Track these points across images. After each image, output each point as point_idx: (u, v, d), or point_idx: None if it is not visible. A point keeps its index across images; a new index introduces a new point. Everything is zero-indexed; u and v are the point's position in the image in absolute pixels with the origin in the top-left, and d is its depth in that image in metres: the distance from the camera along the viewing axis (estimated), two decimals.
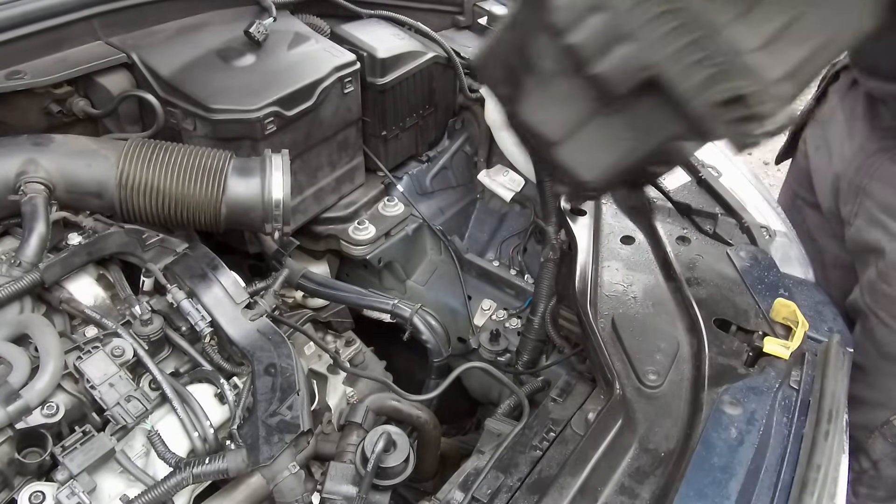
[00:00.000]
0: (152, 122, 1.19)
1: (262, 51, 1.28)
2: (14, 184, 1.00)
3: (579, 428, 0.92)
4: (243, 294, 0.99)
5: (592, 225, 1.21)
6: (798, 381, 0.93)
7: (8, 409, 0.76)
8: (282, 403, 0.88)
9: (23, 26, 1.12)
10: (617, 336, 1.01)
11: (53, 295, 0.95)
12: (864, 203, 1.15)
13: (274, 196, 1.07)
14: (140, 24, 1.27)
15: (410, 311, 1.19)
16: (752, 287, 1.08)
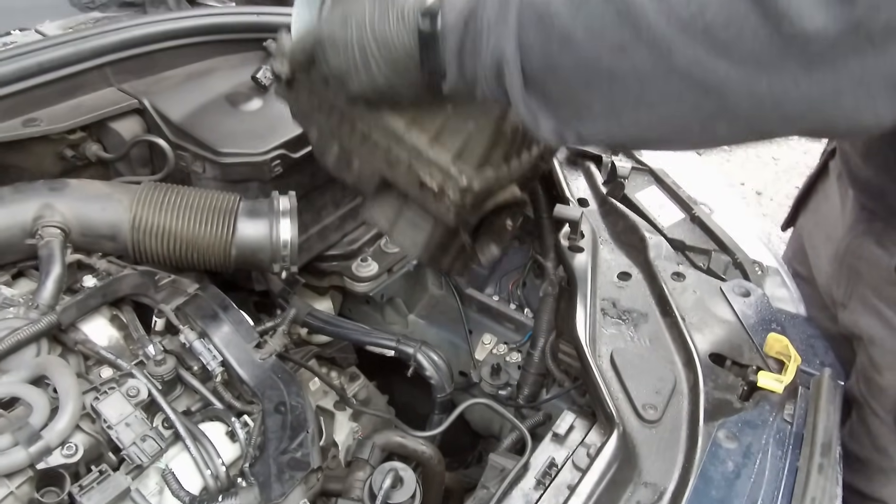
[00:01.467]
0: (163, 166, 1.23)
1: (269, 95, 1.33)
2: (31, 228, 1.03)
3: (581, 462, 0.95)
4: (253, 333, 1.02)
5: (590, 261, 1.25)
6: (792, 415, 0.97)
7: (30, 449, 0.78)
8: (292, 441, 0.91)
9: (39, 75, 1.16)
10: (615, 371, 1.04)
11: (69, 336, 0.98)
12: (857, 286, 1.14)
13: (282, 237, 1.11)
14: (151, 70, 1.32)
15: (414, 349, 1.22)
16: (745, 322, 1.11)
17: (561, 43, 0.61)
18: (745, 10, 0.53)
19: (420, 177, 0.88)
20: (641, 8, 0.57)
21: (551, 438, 1.01)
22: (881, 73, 0.53)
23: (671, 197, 1.37)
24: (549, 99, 0.66)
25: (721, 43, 0.54)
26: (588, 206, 1.39)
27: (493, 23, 0.65)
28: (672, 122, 0.62)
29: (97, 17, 1.47)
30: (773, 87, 0.55)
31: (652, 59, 0.57)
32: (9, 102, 1.13)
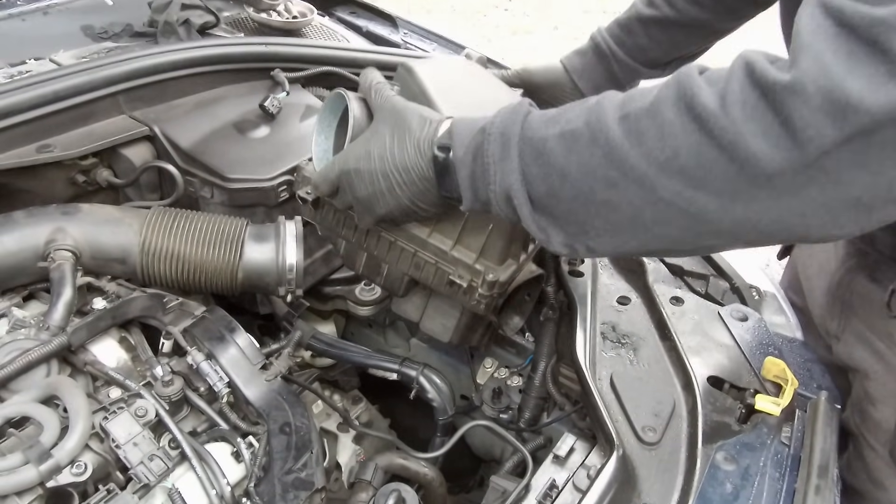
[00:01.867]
0: (171, 191, 1.26)
1: (276, 123, 1.36)
2: (43, 251, 1.05)
3: (581, 484, 0.96)
4: (259, 355, 1.04)
5: (590, 285, 1.27)
6: (789, 437, 0.98)
7: (40, 468, 0.79)
8: (296, 461, 0.92)
9: (53, 103, 1.19)
10: (615, 394, 1.06)
11: (78, 357, 1.00)
12: (851, 319, 1.15)
13: (288, 261, 1.13)
14: (161, 98, 1.35)
15: (417, 372, 1.23)
16: (743, 346, 1.13)
17: (559, 177, 0.69)
18: (713, 154, 0.60)
19: (448, 276, 0.97)
20: (624, 151, 0.64)
21: (552, 460, 1.02)
22: (839, 198, 0.59)
23: None
24: (556, 218, 0.73)
25: (696, 180, 0.61)
26: None
27: (497, 158, 0.73)
28: (666, 238, 0.68)
29: (110, 46, 1.51)
30: (748, 212, 0.62)
31: (640, 192, 0.65)
32: (24, 129, 1.16)
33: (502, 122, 0.74)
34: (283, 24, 1.73)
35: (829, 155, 0.56)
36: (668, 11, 1.24)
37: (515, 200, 0.73)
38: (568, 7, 6.46)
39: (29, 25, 1.59)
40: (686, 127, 0.61)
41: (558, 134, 0.70)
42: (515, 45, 5.76)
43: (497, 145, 0.74)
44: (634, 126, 0.65)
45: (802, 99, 0.55)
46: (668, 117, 0.62)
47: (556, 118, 0.72)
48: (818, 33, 0.57)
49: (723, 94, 0.60)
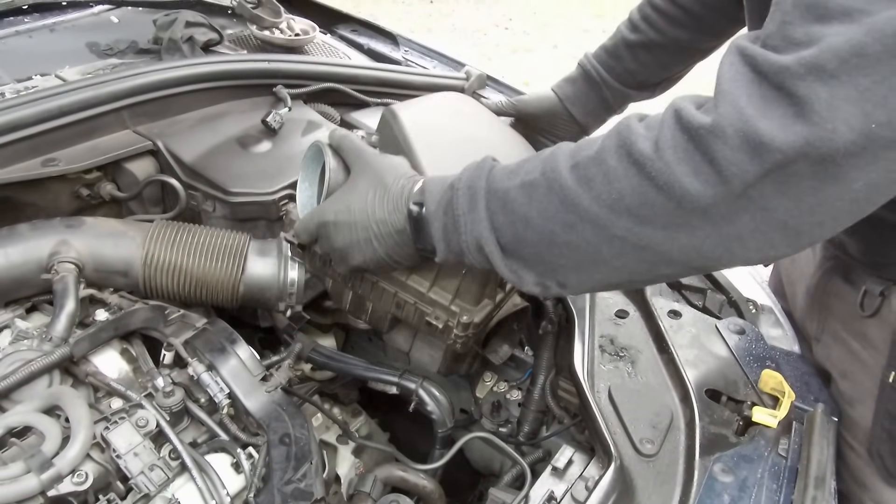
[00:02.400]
0: (174, 204, 1.27)
1: (278, 138, 1.38)
2: (47, 263, 1.07)
3: (579, 496, 0.96)
4: (260, 367, 1.04)
5: (588, 299, 1.28)
6: (786, 449, 0.98)
7: (41, 477, 0.80)
8: (296, 472, 0.93)
9: (59, 118, 1.21)
10: (613, 406, 1.07)
11: (80, 368, 1.00)
12: (828, 320, 1.18)
13: (289, 276, 1.14)
14: (165, 113, 1.37)
15: (416, 384, 1.24)
16: (740, 359, 1.14)
17: (523, 224, 0.76)
18: (653, 194, 0.67)
19: (426, 318, 1.02)
20: (576, 196, 0.72)
21: (550, 472, 1.02)
22: (769, 223, 0.65)
23: None
24: (525, 261, 0.79)
25: (642, 217, 0.69)
26: None
27: (466, 211, 0.80)
28: (626, 270, 0.75)
29: (115, 63, 1.53)
30: (692, 241, 0.68)
31: (595, 231, 0.72)
32: (30, 143, 1.18)
33: (469, 177, 0.81)
34: (285, 41, 1.75)
35: (754, 187, 0.63)
36: (653, 35, 1.28)
37: (486, 248, 0.80)
38: (567, 26, 6.52)
39: (35, 42, 1.61)
40: (628, 171, 0.68)
41: (519, 185, 0.77)
42: (515, 63, 5.81)
43: (465, 199, 0.80)
44: (584, 173, 0.72)
45: (723, 140, 0.63)
46: (612, 164, 0.70)
47: (516, 170, 0.79)
48: (736, 80, 0.64)
49: (656, 139, 0.67)
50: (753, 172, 0.62)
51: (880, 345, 1.06)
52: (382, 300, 1.07)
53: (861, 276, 1.10)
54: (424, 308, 1.03)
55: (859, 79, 0.59)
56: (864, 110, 0.59)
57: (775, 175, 0.62)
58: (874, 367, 1.07)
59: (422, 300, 1.02)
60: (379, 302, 1.08)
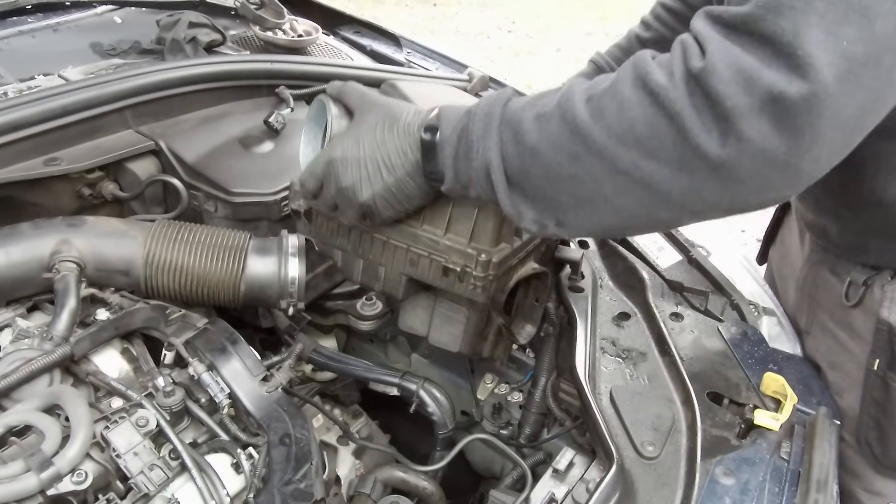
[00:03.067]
0: (176, 204, 1.27)
1: (280, 138, 1.38)
2: (48, 262, 1.06)
3: (580, 498, 0.96)
4: (260, 367, 1.04)
5: (590, 301, 1.27)
6: (788, 453, 0.98)
7: (41, 476, 0.80)
8: (296, 472, 0.92)
9: (61, 117, 1.22)
10: (615, 408, 1.06)
11: (81, 367, 1.00)
12: (817, 313, 1.20)
13: (290, 274, 1.14)
14: (167, 114, 1.37)
15: (417, 386, 1.24)
16: (742, 361, 1.13)
17: (531, 154, 0.77)
18: (663, 125, 0.68)
19: (442, 265, 0.99)
20: (587, 126, 0.73)
21: (551, 474, 1.02)
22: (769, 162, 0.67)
23: (669, 239, 1.40)
24: (527, 195, 0.80)
25: (649, 150, 0.70)
26: (588, 248, 1.42)
27: (480, 136, 0.80)
28: (625, 212, 0.76)
29: (118, 63, 1.53)
30: (693, 182, 0.70)
31: (600, 164, 0.73)
32: (32, 142, 1.18)
33: (487, 104, 0.82)
34: (288, 42, 1.75)
35: (750, 124, 0.64)
36: (665, 32, 1.30)
37: (493, 175, 0.80)
38: (570, 29, 6.52)
39: (39, 42, 1.62)
40: (642, 101, 0.70)
41: (534, 116, 0.77)
42: (518, 66, 5.81)
43: (481, 124, 0.80)
44: (597, 104, 0.73)
45: (717, 76, 0.65)
46: (627, 94, 0.71)
47: (533, 102, 0.79)
48: (712, 32, 0.68)
49: (670, 72, 0.69)
50: (749, 106, 0.64)
51: (865, 334, 1.07)
52: (395, 260, 1.03)
53: (846, 268, 1.11)
54: (439, 257, 0.99)
55: (815, 3, 0.62)
56: (829, 31, 0.61)
57: (770, 110, 0.64)
58: (860, 357, 1.09)
59: (436, 250, 0.99)
60: (392, 263, 1.04)
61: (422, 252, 1.00)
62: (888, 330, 1.02)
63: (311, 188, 0.97)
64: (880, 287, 1.05)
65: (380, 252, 1.05)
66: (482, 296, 1.00)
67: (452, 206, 0.97)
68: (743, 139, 0.65)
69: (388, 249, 1.03)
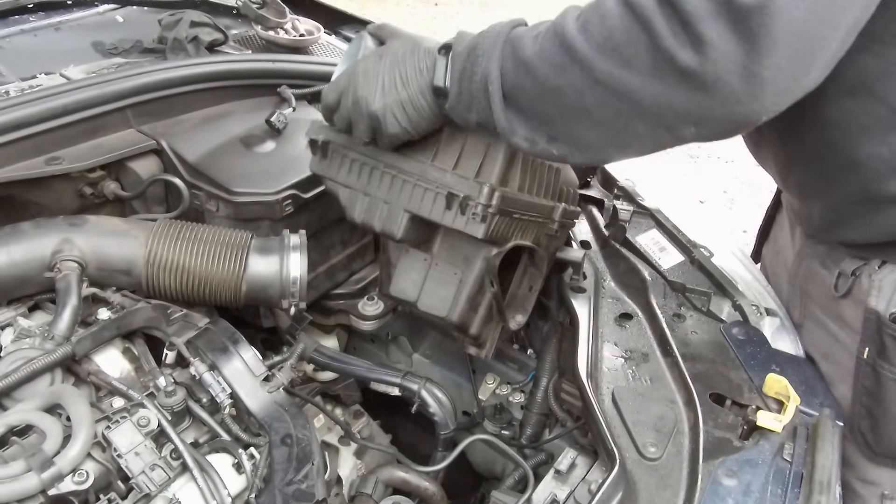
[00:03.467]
0: (177, 204, 1.27)
1: (282, 138, 1.38)
2: (50, 261, 1.06)
3: (582, 499, 0.96)
4: (262, 367, 1.04)
5: (592, 301, 1.27)
6: (791, 454, 0.98)
7: (42, 475, 0.80)
8: (297, 473, 0.92)
9: (63, 116, 1.21)
10: (617, 409, 1.06)
11: (82, 367, 1.00)
12: (808, 306, 1.21)
13: (292, 273, 1.14)
14: (169, 113, 1.37)
15: (418, 386, 1.23)
16: (745, 362, 1.13)
17: (525, 68, 0.83)
18: (636, 31, 0.73)
19: (447, 192, 1.00)
20: (573, 37, 0.78)
21: (553, 475, 1.02)
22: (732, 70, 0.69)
23: (671, 240, 1.40)
24: (520, 111, 0.85)
25: (625, 58, 0.74)
26: (590, 249, 1.42)
27: (485, 51, 0.86)
28: (605, 124, 0.80)
29: (119, 62, 1.53)
30: (665, 90, 0.73)
31: (582, 75, 0.78)
32: (34, 141, 1.18)
33: (497, 26, 0.88)
34: (290, 41, 1.75)
35: (708, 23, 0.68)
36: None
37: (491, 87, 0.85)
38: None
39: (41, 41, 1.61)
40: (620, 11, 0.74)
41: (533, 35, 0.84)
42: None
43: (489, 42, 0.87)
44: (584, 18, 0.78)
45: None
46: (609, 6, 0.76)
47: (536, 26, 0.86)
48: None
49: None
50: (705, 8, 0.68)
51: (855, 324, 1.09)
52: (401, 195, 1.05)
53: (835, 260, 1.13)
54: (445, 189, 1.01)
55: None
56: None
57: (724, 12, 0.67)
58: (850, 346, 1.10)
59: (443, 183, 1.01)
60: (397, 199, 1.05)
61: (428, 185, 1.02)
62: (876, 318, 1.03)
63: (331, 101, 1.03)
64: (868, 276, 1.06)
65: (387, 187, 1.06)
66: (482, 229, 0.99)
67: (463, 146, 1.02)
68: (705, 42, 0.68)
69: (396, 184, 1.05)
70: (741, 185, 4.20)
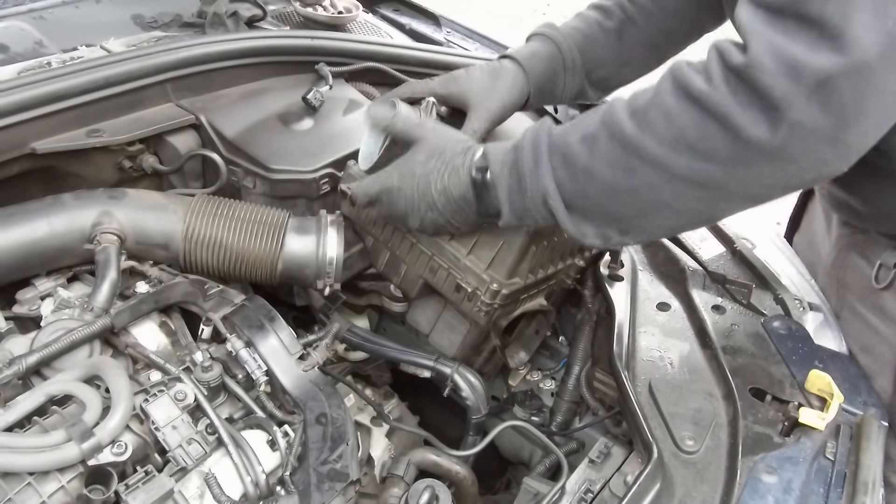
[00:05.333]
0: (214, 180, 1.27)
1: (320, 116, 1.37)
2: (90, 233, 1.07)
3: (618, 490, 0.94)
4: (297, 346, 1.04)
5: (629, 291, 1.25)
6: (833, 453, 0.95)
7: (82, 446, 0.80)
8: (332, 452, 0.92)
9: (105, 88, 1.21)
10: (654, 400, 1.04)
11: (120, 339, 1.01)
12: (846, 297, 1.19)
13: (328, 254, 1.13)
14: (208, 88, 1.36)
15: (451, 370, 1.22)
16: (786, 358, 1.10)
17: (585, 176, 0.81)
18: (712, 127, 0.72)
19: (457, 281, 1.07)
20: (637, 140, 0.76)
21: (587, 464, 1.01)
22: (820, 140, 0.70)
23: (712, 230, 1.37)
24: (588, 214, 0.84)
25: (702, 153, 0.73)
26: None
27: (532, 168, 0.85)
28: (687, 211, 0.80)
29: (159, 35, 1.52)
30: (750, 172, 0.73)
31: (657, 173, 0.76)
32: (75, 113, 1.18)
33: (531, 136, 0.86)
34: (328, 18, 1.73)
35: (800, 109, 0.67)
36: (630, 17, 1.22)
37: (551, 202, 0.84)
38: None
39: (82, 13, 1.61)
40: (687, 108, 0.73)
41: (580, 139, 0.81)
42: None
43: (530, 157, 0.85)
44: (643, 117, 0.76)
45: (763, 70, 0.68)
46: (671, 103, 0.74)
47: (575, 126, 0.83)
48: (756, 21, 0.70)
49: (709, 77, 0.72)
50: (797, 94, 0.67)
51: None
52: (418, 263, 1.12)
53: (876, 251, 1.11)
54: (457, 273, 1.07)
55: None
56: (877, 12, 0.64)
57: (818, 95, 0.67)
58: (892, 339, 1.09)
59: (456, 266, 1.07)
60: (414, 265, 1.13)
61: (443, 264, 1.08)
62: None
63: (362, 203, 1.06)
64: None
65: (406, 251, 1.14)
66: (484, 319, 1.09)
67: (481, 235, 1.04)
68: (794, 124, 0.68)
69: (414, 251, 1.12)
70: None
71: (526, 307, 1.18)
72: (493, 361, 1.29)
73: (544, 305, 1.22)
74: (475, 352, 1.22)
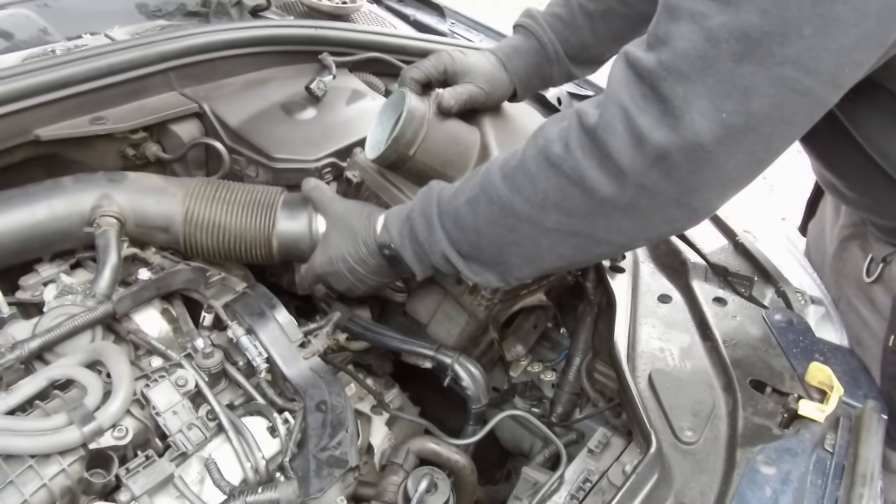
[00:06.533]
0: (217, 168, 1.27)
1: (323, 105, 1.37)
2: (89, 216, 1.07)
3: (616, 479, 0.95)
4: (298, 333, 1.04)
5: (631, 282, 1.25)
6: (832, 445, 0.95)
7: (83, 429, 0.81)
8: (331, 439, 0.92)
9: (108, 76, 1.21)
10: (654, 392, 1.04)
11: (122, 326, 1.01)
12: (843, 288, 1.20)
13: (320, 229, 1.13)
14: (211, 77, 1.37)
15: (452, 359, 1.22)
16: (787, 350, 1.10)
17: (475, 233, 0.90)
18: (570, 190, 0.79)
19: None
20: (511, 202, 0.85)
21: (586, 454, 1.01)
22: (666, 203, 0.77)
23: (714, 223, 1.37)
24: (485, 264, 0.93)
25: (566, 209, 0.81)
26: None
27: (426, 236, 0.95)
28: (566, 256, 0.88)
29: (163, 24, 1.53)
30: (610, 223, 0.81)
31: (533, 228, 0.85)
32: (78, 101, 1.18)
33: (421, 206, 0.96)
34: (332, 8, 1.73)
35: (644, 174, 0.74)
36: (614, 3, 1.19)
37: (451, 259, 0.93)
38: None
39: (86, 2, 1.62)
40: (547, 173, 0.81)
41: (465, 202, 0.90)
42: None
43: (423, 226, 0.95)
44: (513, 182, 0.85)
45: (614, 135, 0.74)
46: (534, 170, 0.82)
47: (461, 189, 0.92)
48: (621, 81, 0.76)
49: (566, 141, 0.79)
50: (641, 162, 0.73)
51: (884, 310, 1.08)
52: None
53: (872, 244, 1.12)
54: None
55: (706, 78, 0.70)
56: (714, 104, 0.70)
57: (658, 166, 0.73)
58: (879, 333, 1.10)
59: None
60: None
61: None
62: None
63: (306, 291, 1.20)
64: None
65: None
66: (484, 313, 1.13)
67: None
68: (639, 186, 0.75)
69: None
70: (781, 170, 4.11)
71: (525, 302, 1.20)
72: (490, 353, 1.31)
73: (543, 301, 1.23)
74: (473, 343, 1.24)
